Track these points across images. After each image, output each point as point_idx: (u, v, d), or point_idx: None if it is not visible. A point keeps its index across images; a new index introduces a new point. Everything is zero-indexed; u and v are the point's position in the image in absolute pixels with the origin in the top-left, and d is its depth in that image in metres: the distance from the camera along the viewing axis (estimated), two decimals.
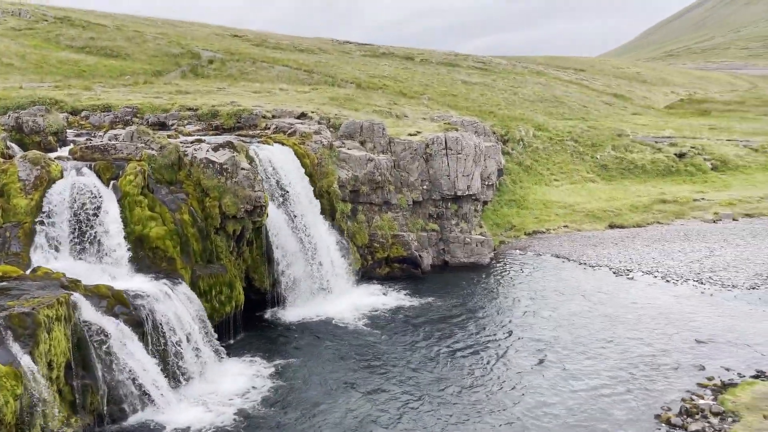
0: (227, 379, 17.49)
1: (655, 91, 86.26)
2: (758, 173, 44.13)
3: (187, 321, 17.03)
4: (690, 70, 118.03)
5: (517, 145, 45.28)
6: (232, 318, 20.72)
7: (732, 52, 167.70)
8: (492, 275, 28.38)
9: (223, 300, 20.20)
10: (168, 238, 18.56)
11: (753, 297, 23.55)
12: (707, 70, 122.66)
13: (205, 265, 20.01)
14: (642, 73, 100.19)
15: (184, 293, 17.70)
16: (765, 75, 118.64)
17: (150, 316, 15.88)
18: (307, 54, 65.22)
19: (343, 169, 27.72)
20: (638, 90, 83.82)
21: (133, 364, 14.87)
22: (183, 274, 18.46)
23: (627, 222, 35.89)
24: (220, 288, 20.13)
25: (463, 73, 69.85)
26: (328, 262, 24.96)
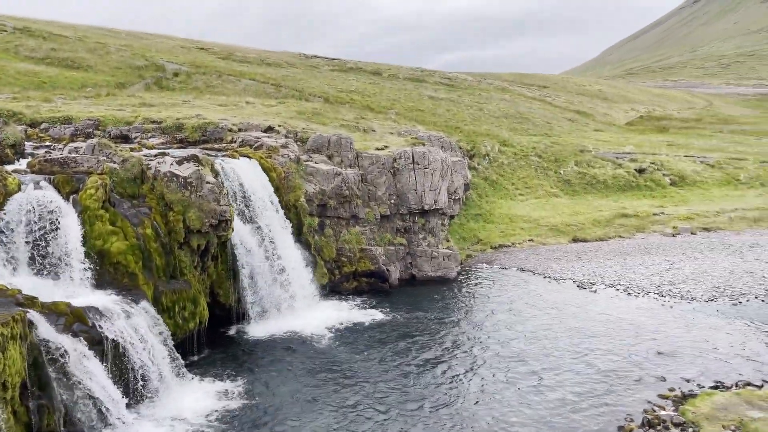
0: (190, 398, 17.09)
1: (616, 108, 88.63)
2: (714, 188, 45.60)
3: (148, 338, 16.62)
4: (649, 88, 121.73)
5: (483, 160, 45.87)
6: (195, 334, 20.31)
7: (688, 71, 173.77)
8: (459, 289, 28.53)
9: (186, 316, 19.80)
10: (130, 253, 18.14)
11: (711, 309, 24.20)
12: (665, 88, 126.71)
13: (169, 281, 19.60)
14: (603, 90, 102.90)
15: (145, 310, 17.29)
16: (720, 93, 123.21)
17: (110, 333, 15.44)
18: (275, 68, 65.07)
19: (310, 183, 27.63)
20: (600, 107, 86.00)
21: (92, 384, 14.41)
22: (145, 290, 18.04)
23: (590, 236, 36.59)
24: (183, 304, 19.73)
25: (430, 88, 70.63)
26: (295, 276, 24.74)
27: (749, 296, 25.34)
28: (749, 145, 57.94)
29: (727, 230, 36.71)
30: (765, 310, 23.85)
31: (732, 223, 37.64)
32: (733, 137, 63.75)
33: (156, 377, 16.55)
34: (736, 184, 46.20)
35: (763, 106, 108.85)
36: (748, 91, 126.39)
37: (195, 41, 74.71)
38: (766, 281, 26.95)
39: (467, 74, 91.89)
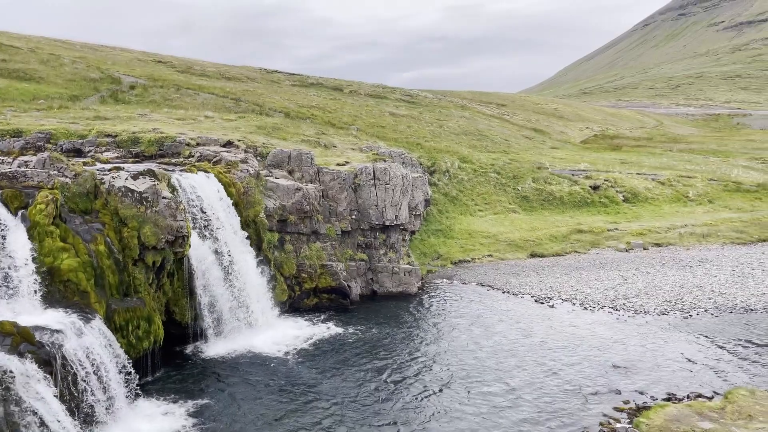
0: (144, 420, 16.57)
1: (572, 126, 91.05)
2: (665, 205, 47.17)
3: (100, 359, 16.06)
4: (603, 108, 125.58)
5: (443, 176, 46.36)
6: (150, 354, 19.75)
7: (640, 91, 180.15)
8: (420, 305, 28.60)
9: (140, 335, 19.24)
10: (81, 271, 17.57)
11: (663, 322, 24.91)
12: (618, 108, 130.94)
13: (122, 299, 19.04)
14: (559, 109, 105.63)
15: (97, 329, 16.73)
16: (669, 113, 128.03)
17: (59, 354, 14.87)
18: (235, 82, 64.54)
19: (270, 198, 27.38)
20: (556, 125, 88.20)
21: (40, 406, 13.81)
22: (97, 309, 17.47)
23: (547, 251, 37.29)
24: (137, 323, 19.18)
25: (391, 105, 71.20)
26: (254, 293, 24.37)
27: (699, 309, 26.19)
28: (697, 163, 60.28)
29: (678, 245, 37.96)
30: (714, 322, 24.68)
31: (682, 239, 38.95)
32: (682, 156, 66.24)
33: (108, 399, 15.99)
34: (686, 201, 47.91)
35: (710, 125, 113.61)
36: (695, 112, 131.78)
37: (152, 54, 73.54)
38: (714, 295, 27.92)
39: (428, 91, 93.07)
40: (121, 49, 72.43)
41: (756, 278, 30.20)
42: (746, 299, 27.13)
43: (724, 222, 41.87)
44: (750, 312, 25.69)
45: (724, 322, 24.61)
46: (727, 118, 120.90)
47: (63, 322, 15.85)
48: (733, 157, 65.36)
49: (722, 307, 26.35)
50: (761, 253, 35.48)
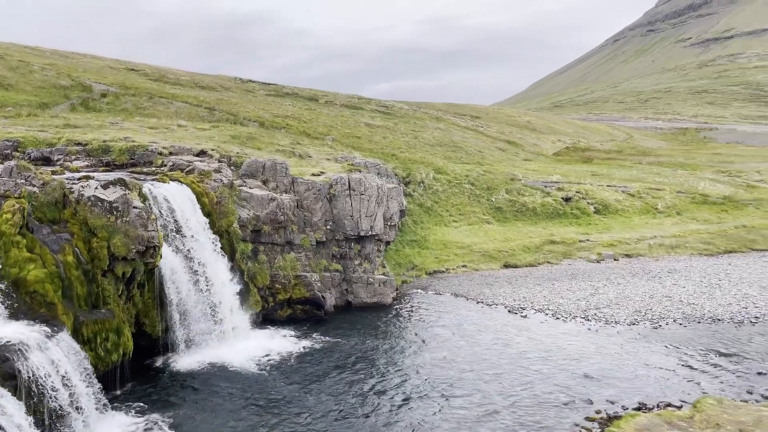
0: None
1: (544, 139, 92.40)
2: (635, 217, 48.04)
3: (66, 372, 15.67)
4: (574, 121, 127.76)
5: (418, 187, 46.56)
6: (119, 367, 19.35)
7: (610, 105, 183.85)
8: (395, 315, 28.57)
9: (109, 348, 18.84)
10: (48, 282, 17.16)
11: (633, 333, 25.28)
12: (589, 121, 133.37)
13: (90, 311, 18.64)
14: (532, 122, 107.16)
15: (64, 341, 16.33)
16: (639, 127, 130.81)
17: (24, 367, 14.46)
18: (209, 91, 64.06)
19: (244, 208, 27.15)
20: (529, 137, 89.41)
21: (4, 421, 13.40)
22: (64, 321, 17.07)
23: (520, 262, 37.63)
24: (106, 335, 18.79)
25: (367, 116, 71.39)
26: (226, 304, 24.08)
27: (668, 320, 26.66)
28: (666, 176, 61.61)
29: (647, 256, 38.65)
30: (682, 333, 25.14)
31: (651, 250, 39.68)
32: (651, 168, 67.65)
33: (75, 413, 15.58)
34: (655, 213, 48.86)
35: (678, 139, 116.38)
36: (664, 125, 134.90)
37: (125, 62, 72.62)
38: (683, 305, 28.46)
39: (403, 103, 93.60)
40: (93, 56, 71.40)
41: (723, 289, 30.88)
42: (714, 309, 27.71)
43: (691, 233, 42.80)
44: (717, 322, 26.24)
45: (693, 332, 25.08)
46: (694, 132, 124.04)
47: (28, 335, 15.45)
48: (700, 170, 66.98)
49: (690, 317, 26.87)
50: (728, 264, 36.32)
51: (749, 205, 50.92)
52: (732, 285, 31.50)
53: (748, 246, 40.42)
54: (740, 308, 27.76)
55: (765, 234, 42.47)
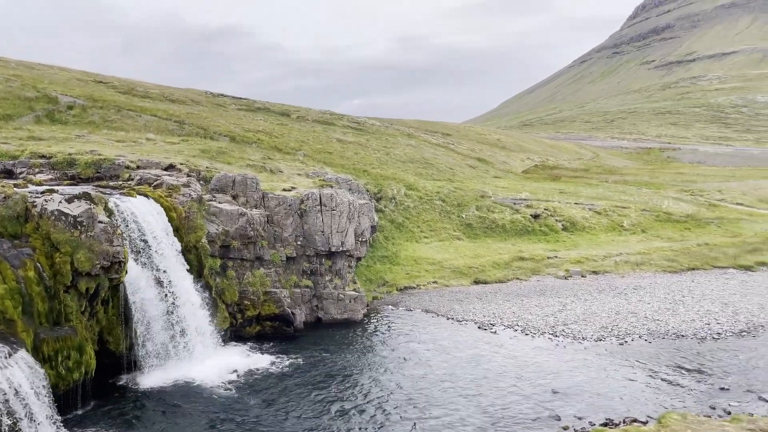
0: None
1: (514, 156, 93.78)
2: (601, 234, 48.94)
3: (24, 391, 15.16)
4: (543, 139, 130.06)
5: (389, 203, 46.68)
6: (81, 385, 18.80)
7: (578, 124, 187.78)
8: (365, 332, 28.44)
9: (71, 366, 18.31)
10: (8, 298, 16.65)
11: (600, 348, 25.63)
12: (557, 140, 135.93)
13: (51, 328, 18.13)
14: (502, 140, 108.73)
15: (23, 359, 15.82)
16: (605, 146, 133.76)
17: None
18: (179, 104, 63.42)
19: (213, 223, 26.83)
20: (499, 155, 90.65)
21: None
22: (24, 338, 16.55)
23: (490, 278, 37.91)
24: (67, 353, 18.26)
25: (339, 131, 71.51)
26: (194, 321, 23.66)
27: (634, 336, 27.11)
28: (631, 194, 63.01)
29: (613, 273, 39.34)
30: (648, 348, 25.58)
31: (617, 267, 40.41)
32: (617, 187, 69.14)
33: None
34: (620, 230, 49.85)
35: (643, 158, 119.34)
36: (629, 145, 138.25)
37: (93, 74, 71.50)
38: (648, 321, 28.99)
39: (375, 119, 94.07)
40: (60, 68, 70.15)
41: (686, 305, 31.58)
42: (677, 325, 28.30)
43: (656, 251, 43.74)
44: (681, 338, 26.79)
45: (658, 348, 25.55)
46: (658, 151, 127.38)
47: None
48: (664, 189, 68.71)
49: (655, 333, 27.38)
50: (690, 281, 37.19)
51: (711, 223, 52.37)
52: (695, 302, 32.24)
53: (710, 263, 41.47)
54: (703, 324, 28.41)
55: (726, 252, 43.67)
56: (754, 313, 29.93)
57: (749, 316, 29.46)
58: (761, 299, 32.48)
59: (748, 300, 32.36)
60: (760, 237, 47.91)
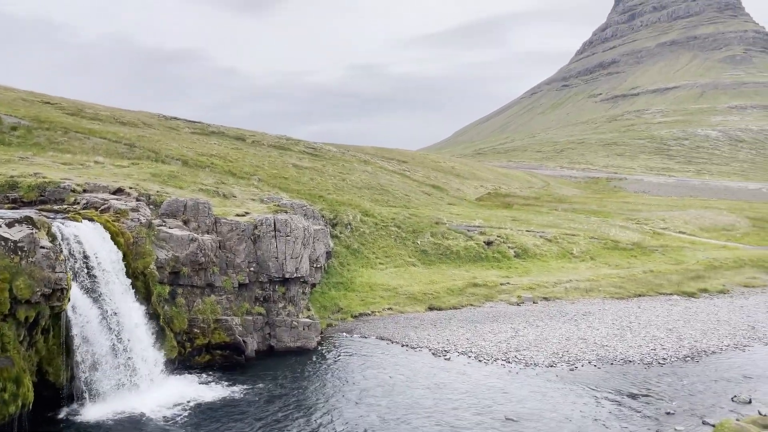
0: None
1: (468, 184, 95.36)
2: (552, 261, 50.02)
3: None
4: (496, 168, 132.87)
5: (345, 229, 46.59)
6: (17, 419, 17.78)
7: (529, 154, 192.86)
8: (319, 360, 28.02)
9: (6, 399, 17.34)
10: None
11: (551, 374, 25.97)
12: (510, 169, 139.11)
13: None
14: (456, 167, 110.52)
15: None
16: (555, 175, 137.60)
17: None
18: (130, 127, 62.09)
19: (162, 249, 26.14)
20: (453, 182, 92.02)
21: None
22: None
23: (444, 304, 38.11)
24: (3, 384, 17.31)
25: (295, 157, 71.28)
26: (140, 350, 22.84)
27: (583, 361, 27.61)
28: (580, 222, 64.83)
29: (564, 299, 40.15)
30: (597, 374, 26.07)
31: (567, 293, 41.29)
32: (567, 215, 71.05)
33: None
34: (570, 258, 51.09)
35: (591, 187, 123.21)
36: (578, 174, 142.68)
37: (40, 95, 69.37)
38: (597, 347, 29.61)
39: (332, 145, 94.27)
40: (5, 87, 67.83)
41: (633, 331, 32.43)
42: (625, 351, 28.99)
43: (604, 278, 44.95)
44: (629, 363, 27.43)
45: (606, 374, 26.07)
46: (605, 181, 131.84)
47: None
48: (611, 218, 70.98)
49: (604, 359, 27.96)
50: (637, 307, 38.28)
51: (656, 251, 54.28)
52: (641, 327, 33.15)
53: (655, 290, 42.87)
54: (649, 350, 29.20)
55: (670, 279, 45.25)
56: (697, 339, 30.98)
57: (692, 342, 30.47)
58: (703, 325, 33.69)
59: (691, 326, 33.51)
60: (701, 265, 49.91)
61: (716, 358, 28.15)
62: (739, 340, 30.84)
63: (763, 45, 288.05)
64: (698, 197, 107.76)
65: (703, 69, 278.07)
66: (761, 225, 74.30)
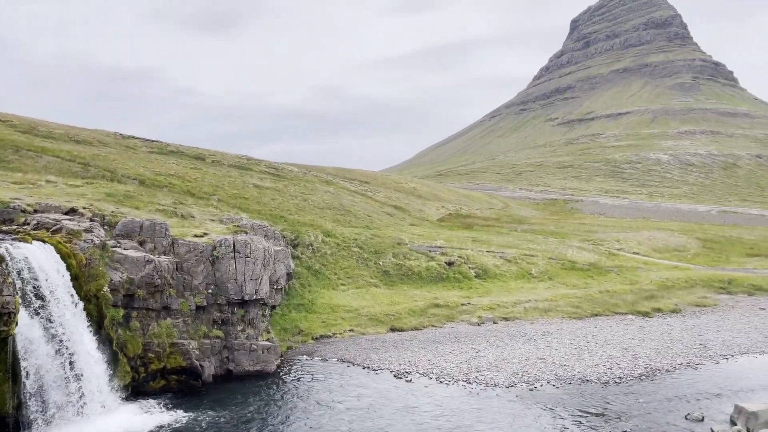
0: None
1: (429, 205, 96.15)
2: (512, 281, 50.66)
3: None
4: (457, 189, 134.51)
5: (306, 250, 46.24)
6: None
7: (489, 175, 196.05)
8: (278, 384, 27.53)
9: None
10: None
11: (511, 395, 26.14)
12: (470, 190, 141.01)
13: None
14: (418, 188, 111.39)
15: None
16: (514, 197, 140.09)
17: None
18: (85, 146, 60.59)
19: (117, 271, 25.42)
20: (415, 203, 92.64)
21: None
22: None
23: (406, 325, 38.06)
24: None
25: (256, 177, 70.67)
26: (91, 376, 22.02)
27: (542, 381, 27.89)
28: (539, 243, 65.98)
29: (523, 319, 40.62)
30: (555, 394, 26.36)
31: (527, 313, 41.81)
32: (526, 236, 72.25)
33: None
34: (529, 278, 51.85)
35: (549, 209, 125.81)
36: (536, 196, 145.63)
37: None
38: (555, 367, 29.98)
39: (294, 165, 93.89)
40: None
41: (590, 351, 32.99)
42: (583, 370, 29.43)
43: (562, 298, 45.72)
44: (586, 383, 27.84)
45: (565, 393, 26.38)
46: (563, 202, 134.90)
47: None
48: (568, 239, 72.49)
49: (563, 378, 28.31)
50: (594, 326, 39.01)
51: (611, 271, 55.58)
52: (598, 347, 33.76)
53: (611, 310, 43.80)
54: (605, 369, 29.72)
55: (625, 298, 46.33)
56: (651, 358, 31.71)
57: (647, 361, 31.16)
58: (657, 344, 34.53)
59: (645, 345, 34.30)
60: (655, 284, 51.32)
61: (670, 377, 28.85)
62: (691, 359, 31.71)
63: (710, 73, 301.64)
64: (651, 219, 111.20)
65: (654, 95, 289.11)
66: (710, 246, 77.10)
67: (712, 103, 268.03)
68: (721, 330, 38.23)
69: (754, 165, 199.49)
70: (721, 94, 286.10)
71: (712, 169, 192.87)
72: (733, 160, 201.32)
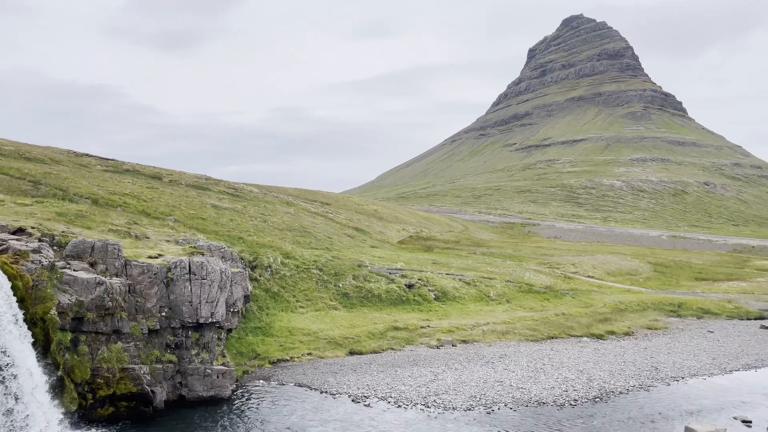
0: None
1: (390, 227, 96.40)
2: (470, 304, 51.03)
3: None
4: (418, 212, 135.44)
5: (265, 272, 45.61)
6: None
7: (449, 198, 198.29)
8: (233, 410, 26.85)
9: None
10: None
11: (469, 418, 26.15)
12: (431, 212, 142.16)
13: None
14: (379, 210, 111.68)
15: None
16: (474, 220, 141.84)
17: None
18: (36, 163, 58.71)
19: (66, 293, 24.52)
20: (376, 225, 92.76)
21: None
22: None
23: (365, 348, 37.79)
24: None
25: (214, 197, 69.65)
26: (35, 403, 21.04)
27: (500, 404, 28.02)
28: (497, 266, 66.80)
29: (481, 342, 40.87)
30: (513, 416, 26.50)
31: (485, 336, 42.09)
32: (484, 258, 73.08)
33: None
34: (488, 300, 52.34)
35: (507, 232, 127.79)
36: (495, 219, 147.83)
37: None
38: (513, 389, 30.19)
39: (254, 186, 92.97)
40: None
41: (546, 373, 33.37)
42: (539, 393, 29.72)
43: (519, 320, 46.25)
44: (542, 405, 28.10)
45: (522, 416, 26.55)
46: (520, 226, 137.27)
47: None
48: (526, 262, 73.63)
49: (519, 401, 28.51)
50: (550, 349, 39.53)
51: (567, 294, 56.61)
52: (554, 369, 34.18)
53: (567, 332, 44.50)
54: (561, 391, 30.08)
55: (580, 321, 47.18)
56: (605, 380, 32.27)
57: (602, 383, 31.70)
58: (611, 366, 35.19)
59: (600, 367, 34.91)
60: (608, 308, 52.48)
61: (624, 399, 29.38)
62: (643, 381, 32.40)
63: (660, 103, 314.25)
64: (605, 243, 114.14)
65: (608, 123, 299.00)
66: (661, 270, 79.51)
67: (662, 132, 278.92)
68: (672, 352, 39.26)
69: (702, 192, 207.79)
70: (670, 123, 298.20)
71: (663, 195, 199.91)
72: (682, 186, 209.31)
